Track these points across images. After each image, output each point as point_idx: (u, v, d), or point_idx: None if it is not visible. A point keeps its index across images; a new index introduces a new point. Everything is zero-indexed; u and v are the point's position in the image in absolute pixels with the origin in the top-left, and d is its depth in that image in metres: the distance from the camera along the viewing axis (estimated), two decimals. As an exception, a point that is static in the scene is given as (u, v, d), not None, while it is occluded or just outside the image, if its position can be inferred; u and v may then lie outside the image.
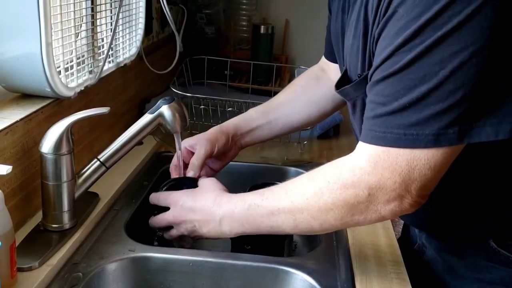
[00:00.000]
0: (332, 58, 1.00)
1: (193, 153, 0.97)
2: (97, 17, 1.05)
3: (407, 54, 0.61)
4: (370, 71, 0.69)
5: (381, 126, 0.65)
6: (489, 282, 0.83)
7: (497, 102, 0.62)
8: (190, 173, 0.94)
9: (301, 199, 0.73)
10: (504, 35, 0.59)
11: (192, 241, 0.87)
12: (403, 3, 0.62)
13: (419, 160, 0.64)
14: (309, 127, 1.35)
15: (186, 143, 0.97)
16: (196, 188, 0.87)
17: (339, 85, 0.81)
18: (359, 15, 0.72)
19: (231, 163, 1.20)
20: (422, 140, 0.63)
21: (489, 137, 0.63)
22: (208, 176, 0.97)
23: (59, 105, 0.94)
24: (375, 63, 0.67)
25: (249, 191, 0.87)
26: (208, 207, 0.81)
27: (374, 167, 0.67)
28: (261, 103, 1.36)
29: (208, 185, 0.86)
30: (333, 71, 1.01)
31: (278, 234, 0.80)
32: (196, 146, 0.96)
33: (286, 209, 0.74)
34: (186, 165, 0.96)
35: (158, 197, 0.88)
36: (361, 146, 0.69)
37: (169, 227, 0.86)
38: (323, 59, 1.08)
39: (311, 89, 1.06)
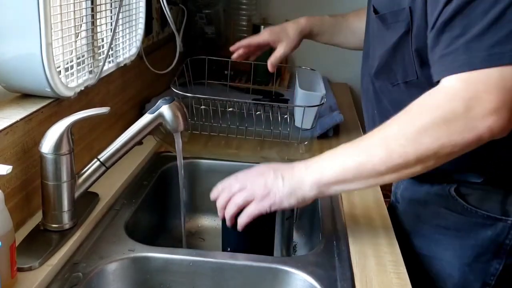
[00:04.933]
0: None
1: (267, 44, 1.13)
2: (97, 17, 1.05)
3: None
4: (436, 13, 0.72)
5: (463, 54, 0.68)
6: (444, 227, 0.95)
7: None
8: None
9: (396, 128, 0.74)
10: None
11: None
12: None
13: (510, 76, 0.67)
14: (309, 128, 1.35)
15: (270, 35, 1.11)
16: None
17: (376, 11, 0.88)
18: None
19: (230, 163, 1.20)
20: (507, 57, 0.66)
21: None
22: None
23: (59, 105, 0.94)
24: (441, 2, 0.70)
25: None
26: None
27: (468, 84, 0.68)
28: (261, 103, 1.36)
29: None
30: None
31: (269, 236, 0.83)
32: (277, 44, 1.10)
33: (378, 138, 0.75)
34: (254, 48, 1.17)
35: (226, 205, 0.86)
36: (446, 78, 0.71)
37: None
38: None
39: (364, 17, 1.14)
